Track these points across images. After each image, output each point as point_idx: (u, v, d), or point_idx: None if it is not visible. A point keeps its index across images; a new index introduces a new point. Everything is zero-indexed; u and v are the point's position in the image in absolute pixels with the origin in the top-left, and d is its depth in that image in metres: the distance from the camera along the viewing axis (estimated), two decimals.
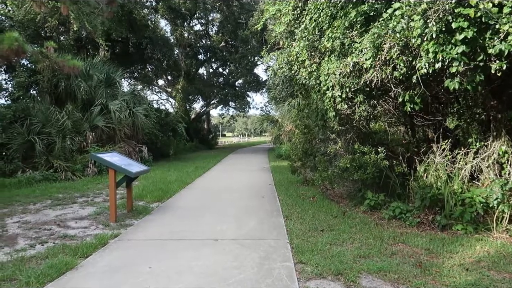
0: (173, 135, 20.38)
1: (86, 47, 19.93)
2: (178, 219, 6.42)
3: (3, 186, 10.42)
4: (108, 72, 15.53)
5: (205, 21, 30.88)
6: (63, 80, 14.06)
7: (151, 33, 22.25)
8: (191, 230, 5.66)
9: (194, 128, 31.28)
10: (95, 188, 10.08)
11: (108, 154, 6.74)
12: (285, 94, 11.42)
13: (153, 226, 5.96)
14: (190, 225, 6.01)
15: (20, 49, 12.51)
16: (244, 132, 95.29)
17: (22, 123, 12.72)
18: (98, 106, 14.20)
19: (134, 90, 18.40)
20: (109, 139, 14.33)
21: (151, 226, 5.97)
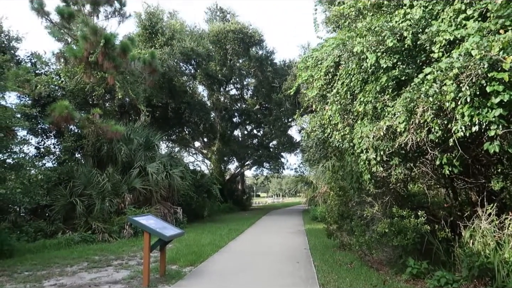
0: (208, 196, 20.53)
1: (129, 112, 21.11)
2: (210, 285, 6.27)
3: (43, 247, 10.70)
4: (147, 136, 16.25)
5: (240, 86, 32.24)
6: (106, 144, 14.79)
7: (189, 98, 23.39)
8: None
9: (228, 189, 31.43)
10: (130, 251, 10.12)
11: (144, 217, 6.86)
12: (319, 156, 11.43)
13: None
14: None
15: (69, 116, 13.52)
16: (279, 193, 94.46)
17: (65, 185, 13.31)
18: (136, 169, 14.70)
19: (171, 152, 19.02)
20: (146, 201, 14.62)
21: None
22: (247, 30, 26.34)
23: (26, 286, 6.44)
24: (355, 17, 7.04)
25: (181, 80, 23.71)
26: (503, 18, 4.22)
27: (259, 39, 27.25)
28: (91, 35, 14.59)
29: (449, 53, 4.76)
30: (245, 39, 26.25)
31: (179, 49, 21.77)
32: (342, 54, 6.74)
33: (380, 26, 5.54)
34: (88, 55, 14.74)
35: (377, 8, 6.32)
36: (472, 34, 4.35)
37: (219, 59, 27.40)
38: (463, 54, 4.23)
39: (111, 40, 14.69)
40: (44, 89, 16.05)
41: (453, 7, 4.90)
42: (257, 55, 28.20)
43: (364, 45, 5.72)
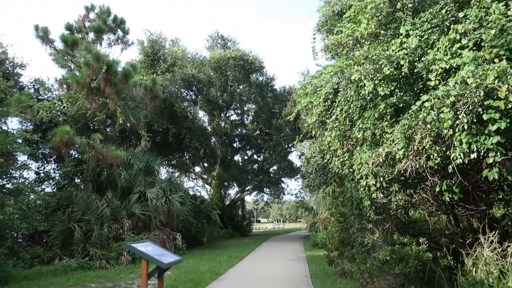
0: (208, 222, 20.34)
1: (129, 137, 21.20)
2: None
3: (40, 274, 10.53)
4: (148, 161, 16.26)
5: (240, 111, 32.51)
6: (106, 169, 14.78)
7: (190, 124, 23.54)
8: None
9: (228, 215, 31.16)
10: (127, 278, 9.96)
11: (142, 243, 6.77)
12: (319, 181, 11.41)
13: None
14: None
15: (70, 141, 13.58)
16: (279, 218, 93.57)
17: (64, 211, 13.22)
18: (136, 194, 14.64)
19: (171, 177, 18.95)
20: (145, 226, 14.47)
21: None
22: (247, 57, 26.80)
23: None
24: (353, 46, 7.19)
25: (182, 106, 23.93)
26: (497, 48, 4.32)
27: (260, 66, 27.69)
28: (93, 62, 14.84)
29: (445, 81, 4.84)
30: (246, 65, 26.67)
31: (180, 75, 22.09)
32: (341, 82, 6.86)
33: (377, 54, 5.66)
34: (90, 81, 14.94)
35: (374, 37, 6.46)
36: (467, 63, 4.44)
37: (220, 85, 27.76)
38: (459, 82, 4.30)
39: (113, 67, 14.94)
40: (46, 114, 16.16)
41: (448, 37, 5.02)
42: (257, 81, 28.59)
43: (362, 73, 5.83)
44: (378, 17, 6.26)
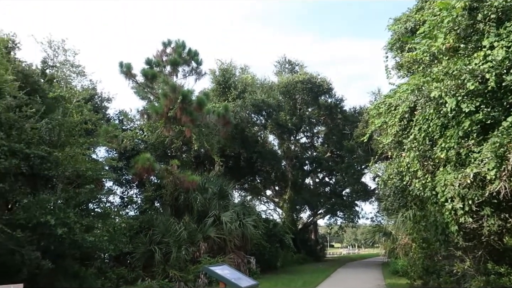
0: (281, 246, 20.18)
1: (203, 162, 22.04)
2: None
3: None
4: (221, 185, 16.74)
5: (310, 134, 32.33)
6: (182, 193, 15.45)
7: (260, 148, 23.91)
8: None
9: (301, 239, 30.66)
10: None
11: (219, 266, 6.91)
12: (398, 205, 10.81)
13: None
14: None
15: (151, 167, 14.46)
16: (354, 243, 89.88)
17: (146, 233, 13.98)
18: (211, 217, 15.05)
19: (244, 201, 19.26)
20: (219, 250, 14.75)
21: None
22: (315, 80, 26.80)
23: None
24: (430, 62, 6.87)
25: (252, 131, 24.46)
26: None
27: (328, 88, 27.50)
28: (170, 93, 15.86)
29: None
30: (314, 88, 26.65)
31: (250, 101, 22.68)
32: (418, 100, 6.55)
33: (458, 69, 5.34)
34: (167, 111, 15.94)
35: (453, 51, 6.12)
36: None
37: (289, 109, 27.96)
38: None
39: (188, 96, 15.82)
40: (129, 143, 17.46)
41: None
42: (326, 103, 28.35)
43: (442, 90, 5.52)
44: (456, 30, 5.94)
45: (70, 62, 16.25)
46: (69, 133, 10.65)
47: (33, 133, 9.87)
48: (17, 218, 8.38)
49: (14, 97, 10.03)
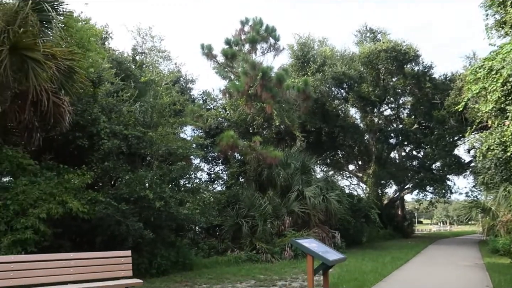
0: (366, 221, 19.77)
1: (285, 138, 22.19)
2: None
3: (216, 263, 11.89)
4: (303, 160, 16.77)
5: (395, 105, 30.63)
6: (265, 169, 15.80)
7: (342, 122, 23.35)
8: None
9: (387, 214, 29.69)
10: (292, 272, 10.40)
11: (306, 240, 6.98)
12: (500, 178, 9.82)
13: None
14: None
15: (234, 144, 14.96)
16: (445, 220, 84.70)
17: (232, 207, 14.62)
18: (294, 192, 15.22)
19: (327, 176, 19.11)
20: (304, 224, 14.93)
21: None
22: (400, 48, 25.10)
23: None
24: None
25: (333, 104, 23.91)
26: None
27: (414, 55, 25.60)
28: (250, 70, 16.09)
29: None
30: (399, 56, 25.01)
31: (330, 74, 22.10)
32: None
33: None
34: (248, 89, 16.23)
35: None
36: None
37: (372, 80, 26.70)
38: None
39: (267, 73, 15.92)
40: (213, 121, 18.20)
41: None
42: (412, 72, 26.49)
43: None
44: None
45: (156, 47, 17.23)
46: (160, 114, 11.39)
47: (129, 116, 10.76)
48: (121, 192, 9.28)
49: (111, 83, 10.98)
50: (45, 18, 7.53)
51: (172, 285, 8.42)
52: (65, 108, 7.91)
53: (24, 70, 6.91)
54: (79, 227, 8.96)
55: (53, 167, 8.45)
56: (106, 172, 9.89)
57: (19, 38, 6.61)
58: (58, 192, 7.55)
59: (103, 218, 8.60)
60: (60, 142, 9.65)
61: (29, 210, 7.05)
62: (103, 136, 9.38)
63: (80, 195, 8.07)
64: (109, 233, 8.90)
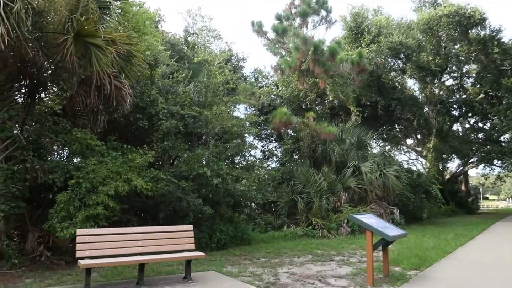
0: (426, 197, 19.04)
1: (339, 114, 21.74)
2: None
3: (273, 238, 12.10)
4: (359, 135, 16.36)
5: (458, 75, 28.66)
6: (320, 145, 15.62)
7: (399, 94, 22.35)
8: None
9: (449, 190, 28.35)
10: (349, 248, 10.35)
11: (365, 215, 6.88)
12: None
13: None
14: None
15: (288, 121, 14.89)
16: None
17: (287, 184, 14.71)
18: (350, 168, 14.95)
19: (384, 151, 18.50)
20: (360, 200, 14.68)
21: None
22: (464, 11, 23.21)
23: (264, 270, 7.40)
24: None
25: (389, 76, 22.89)
26: None
27: (480, 18, 23.57)
28: (301, 45, 15.75)
29: None
30: (462, 21, 23.17)
31: (386, 44, 21.09)
32: None
33: None
34: (300, 64, 15.95)
35: None
36: None
37: (431, 48, 25.08)
38: None
39: (319, 47, 15.49)
40: (266, 99, 18.21)
41: None
42: (478, 37, 24.48)
43: None
44: None
45: (207, 27, 17.44)
46: (214, 93, 11.60)
47: (185, 96, 11.06)
48: (180, 170, 9.67)
49: (167, 65, 11.31)
50: (104, 5, 7.87)
51: (232, 258, 8.72)
52: (126, 91, 8.30)
53: (87, 56, 7.31)
54: (144, 203, 9.51)
55: (117, 147, 8.95)
56: (166, 151, 10.34)
57: (82, 25, 6.96)
58: (123, 171, 8.01)
59: (165, 195, 9.04)
60: (122, 123, 10.20)
61: (99, 188, 7.57)
62: (161, 117, 9.77)
63: (143, 173, 8.50)
64: (171, 208, 9.36)
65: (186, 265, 6.47)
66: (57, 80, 8.73)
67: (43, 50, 7.53)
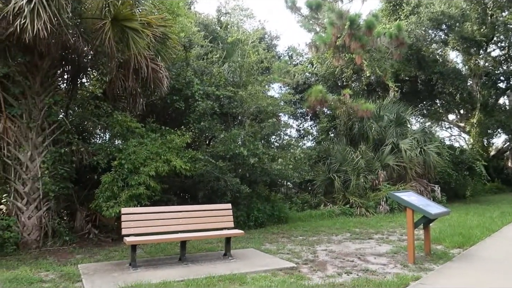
0: (470, 174, 18.31)
1: (376, 90, 21.10)
2: (485, 273, 5.59)
3: (310, 216, 12.14)
4: (397, 111, 15.86)
5: (506, 44, 26.90)
6: (356, 123, 15.31)
7: (440, 67, 21.32)
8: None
9: (494, 167, 27.13)
10: (388, 226, 10.21)
11: (405, 193, 6.73)
12: None
13: (456, 275, 5.42)
14: (502, 283, 5.11)
15: (323, 99, 14.65)
16: None
17: (324, 162, 14.60)
18: (388, 146, 14.59)
19: (424, 127, 17.85)
20: (399, 178, 14.36)
21: (454, 275, 5.45)
22: None
23: (302, 248, 7.46)
24: None
25: (430, 49, 21.82)
26: None
27: None
28: (337, 20, 15.27)
29: None
30: None
31: (427, 15, 20.04)
32: None
33: None
34: (335, 40, 15.51)
35: None
36: None
37: (476, 17, 23.57)
38: None
39: (355, 21, 14.97)
40: (301, 77, 17.96)
41: None
42: None
43: None
44: None
45: (239, 6, 17.25)
46: (249, 73, 11.55)
47: (220, 77, 11.09)
48: (217, 150, 9.80)
49: (201, 46, 11.35)
50: None
51: (270, 236, 8.85)
52: (162, 73, 8.42)
53: (124, 40, 7.45)
54: (183, 183, 9.78)
55: (156, 129, 9.18)
56: (202, 132, 10.50)
57: (118, 10, 7.08)
58: (162, 152, 8.22)
59: (203, 175, 9.23)
60: (159, 106, 10.42)
61: (140, 169, 7.83)
62: (197, 98, 9.88)
63: (181, 154, 8.69)
64: (209, 188, 9.55)
65: (226, 243, 6.63)
66: (96, 65, 9.00)
67: (83, 36, 7.74)
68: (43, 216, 7.66)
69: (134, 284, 4.90)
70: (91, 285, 5.01)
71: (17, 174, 7.61)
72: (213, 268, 5.77)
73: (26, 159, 7.60)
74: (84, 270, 5.74)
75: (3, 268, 5.88)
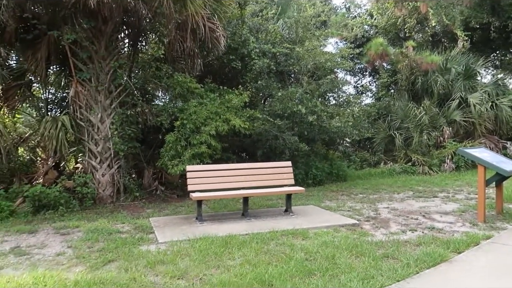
0: None
1: (441, 41, 19.56)
2: None
3: (369, 175, 11.95)
4: (466, 63, 14.66)
5: None
6: (420, 77, 14.42)
7: None
8: None
9: None
10: (454, 185, 9.78)
11: (477, 149, 6.34)
12: None
13: None
14: None
15: (384, 52, 13.91)
16: None
17: (384, 119, 14.09)
18: (455, 100, 13.67)
19: (497, 80, 16.39)
20: (467, 134, 13.52)
21: None
22: None
23: (363, 205, 7.41)
24: None
25: None
26: None
27: None
28: None
29: None
30: None
31: None
32: None
33: None
34: None
35: None
36: None
37: None
38: None
39: None
40: (359, 30, 17.07)
41: None
42: None
43: None
44: None
45: None
46: (305, 28, 11.15)
47: (275, 34, 10.84)
48: (275, 109, 9.77)
49: (256, 2, 11.09)
50: None
51: (329, 194, 8.86)
52: (219, 32, 8.39)
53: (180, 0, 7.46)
54: (242, 142, 9.95)
55: (214, 89, 9.30)
56: (259, 91, 10.48)
57: None
58: (221, 111, 8.36)
59: (261, 133, 9.31)
60: (216, 66, 10.49)
61: (201, 128, 8.06)
62: (253, 57, 9.79)
63: (240, 113, 8.78)
64: (267, 146, 9.65)
65: (287, 199, 6.74)
66: (155, 27, 9.15)
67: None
68: (115, 174, 8.23)
69: (202, 236, 5.17)
70: (163, 235, 5.37)
71: (90, 135, 8.17)
72: (276, 223, 5.93)
73: (97, 120, 8.10)
74: (155, 223, 6.16)
75: (84, 220, 6.47)
